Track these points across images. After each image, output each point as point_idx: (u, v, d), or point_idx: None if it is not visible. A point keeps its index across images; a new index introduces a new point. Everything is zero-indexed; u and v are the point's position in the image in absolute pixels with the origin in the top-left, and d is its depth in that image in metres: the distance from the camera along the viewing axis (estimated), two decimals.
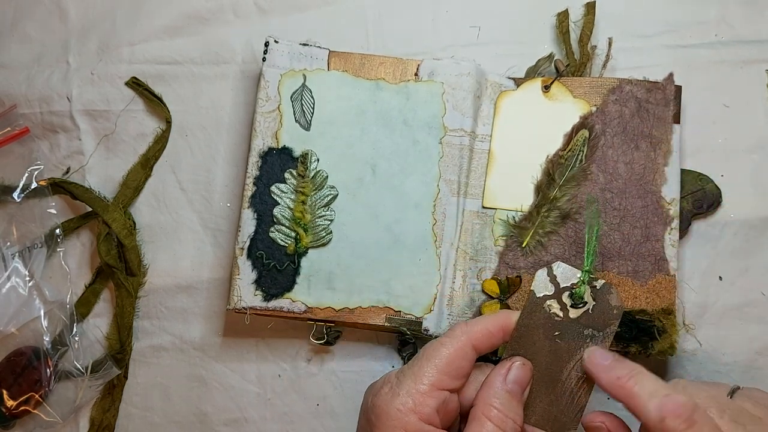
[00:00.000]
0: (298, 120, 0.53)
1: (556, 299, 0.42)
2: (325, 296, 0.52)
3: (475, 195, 0.53)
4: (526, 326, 0.42)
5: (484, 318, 0.43)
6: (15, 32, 0.60)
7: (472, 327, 0.42)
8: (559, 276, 0.43)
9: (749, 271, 0.53)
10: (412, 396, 0.39)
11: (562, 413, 0.41)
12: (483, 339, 0.41)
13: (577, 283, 0.42)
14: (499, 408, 0.39)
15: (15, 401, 0.53)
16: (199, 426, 0.55)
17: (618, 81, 0.53)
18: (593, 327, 0.41)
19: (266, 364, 0.55)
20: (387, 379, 0.41)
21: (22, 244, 0.56)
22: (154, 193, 0.58)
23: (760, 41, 0.56)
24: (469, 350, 0.41)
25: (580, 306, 0.42)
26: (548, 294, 0.42)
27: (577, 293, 0.42)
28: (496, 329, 0.42)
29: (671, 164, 0.52)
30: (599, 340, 0.41)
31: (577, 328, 0.42)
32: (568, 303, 0.42)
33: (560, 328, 0.42)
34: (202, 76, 0.58)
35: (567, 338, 0.42)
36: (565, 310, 0.42)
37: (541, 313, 0.42)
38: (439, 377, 0.40)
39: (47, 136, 0.59)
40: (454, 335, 0.41)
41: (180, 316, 0.56)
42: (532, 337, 0.42)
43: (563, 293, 0.42)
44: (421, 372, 0.40)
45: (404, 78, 0.54)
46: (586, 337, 0.41)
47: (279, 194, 0.53)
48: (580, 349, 0.41)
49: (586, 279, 0.42)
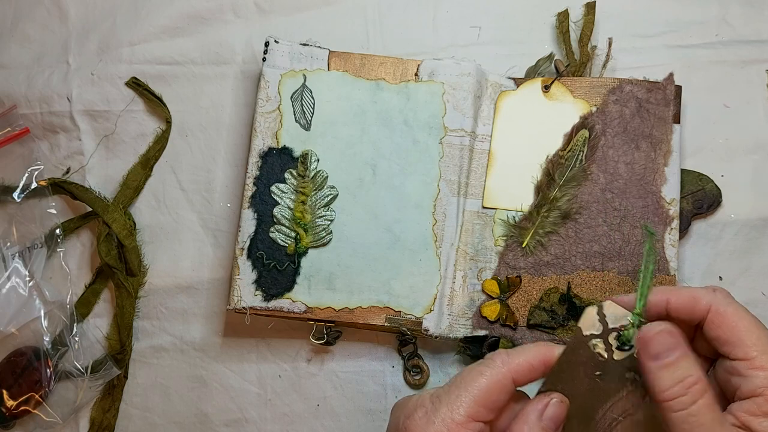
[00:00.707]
0: (299, 120, 0.53)
1: (603, 339, 0.40)
2: (325, 296, 0.52)
3: (476, 195, 0.53)
4: (568, 362, 0.40)
5: (525, 349, 0.41)
6: (15, 32, 0.60)
7: (514, 359, 0.40)
8: (608, 315, 0.41)
9: (749, 271, 0.53)
10: (447, 425, 0.38)
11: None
12: (524, 372, 0.40)
13: (627, 326, 0.40)
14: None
15: (15, 401, 0.53)
16: (199, 426, 0.55)
17: (618, 81, 0.53)
18: (636, 371, 0.40)
19: (266, 364, 0.55)
20: (421, 402, 0.40)
21: (22, 244, 0.56)
22: (154, 193, 0.58)
23: (760, 41, 0.56)
24: (509, 382, 0.39)
25: (626, 349, 0.40)
26: (595, 333, 0.41)
27: (624, 336, 0.40)
28: (538, 362, 0.40)
29: (671, 164, 0.52)
30: (639, 384, 0.40)
31: (619, 371, 0.40)
32: (614, 344, 0.40)
33: (602, 368, 0.40)
34: (202, 76, 0.58)
35: (608, 379, 0.40)
36: (610, 351, 0.40)
37: (585, 351, 0.40)
38: (476, 408, 0.38)
39: (47, 136, 0.59)
40: (494, 365, 0.39)
41: (180, 317, 0.56)
42: (572, 373, 0.40)
43: (610, 333, 0.41)
44: (459, 401, 0.38)
45: (404, 78, 0.54)
46: (627, 380, 0.40)
47: (279, 194, 0.53)
48: (619, 392, 0.40)
49: (636, 322, 0.40)
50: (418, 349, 0.53)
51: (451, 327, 0.51)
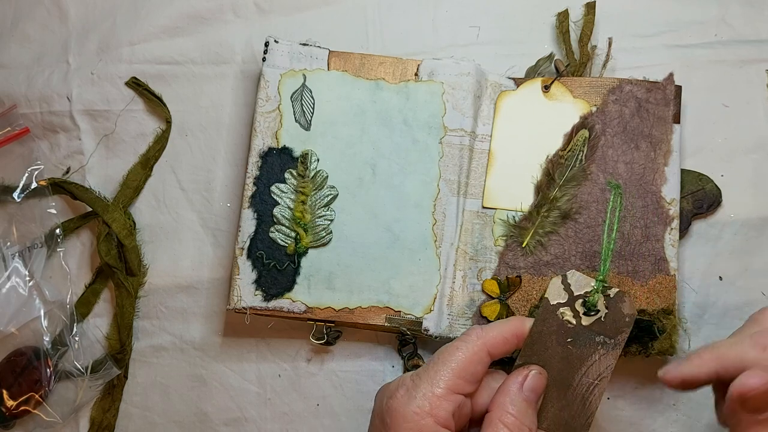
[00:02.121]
0: (298, 120, 0.53)
1: (570, 307, 0.43)
2: (325, 296, 0.52)
3: (475, 195, 0.53)
4: (540, 333, 0.43)
5: (499, 324, 0.43)
6: (15, 32, 0.60)
7: (488, 332, 0.42)
8: (573, 284, 0.43)
9: (749, 271, 0.53)
10: (428, 399, 0.39)
11: (573, 418, 0.42)
12: (498, 345, 0.42)
13: (591, 292, 0.43)
14: (515, 415, 0.39)
15: (15, 401, 0.53)
16: (199, 426, 0.55)
17: (618, 81, 0.53)
18: (605, 334, 0.42)
19: (266, 364, 0.55)
20: (402, 382, 0.41)
21: (22, 244, 0.56)
22: (154, 193, 0.58)
23: (760, 41, 0.56)
24: (485, 355, 0.41)
25: (593, 314, 0.42)
26: (561, 302, 0.43)
27: (590, 301, 0.43)
28: (511, 335, 0.42)
29: (671, 164, 0.52)
30: (610, 347, 0.42)
31: (589, 335, 0.42)
32: (581, 311, 0.43)
33: (573, 335, 0.42)
34: (202, 76, 0.58)
35: (579, 345, 0.42)
36: (578, 318, 0.43)
37: (554, 320, 0.43)
38: (455, 381, 0.40)
39: (47, 136, 0.59)
40: (470, 340, 0.41)
41: (180, 316, 0.56)
42: (545, 343, 0.42)
43: (577, 301, 0.43)
44: (438, 376, 0.40)
45: (404, 78, 0.54)
46: (597, 344, 0.42)
47: (279, 194, 0.53)
48: (591, 356, 0.42)
49: (599, 287, 0.43)
50: (418, 349, 0.53)
51: (451, 327, 0.51)
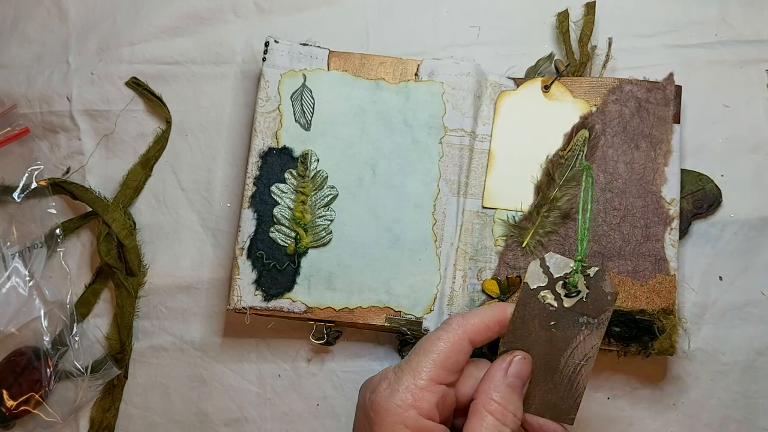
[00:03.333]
0: (298, 120, 0.53)
1: (550, 289, 0.43)
2: (325, 296, 0.52)
3: (475, 195, 0.53)
4: (522, 318, 0.42)
5: (480, 311, 0.43)
6: (15, 32, 0.60)
7: (469, 320, 0.42)
8: (552, 266, 0.43)
9: (749, 271, 0.53)
10: (411, 391, 0.39)
11: (561, 400, 0.42)
12: (480, 332, 0.41)
13: (571, 273, 0.43)
14: (499, 402, 0.39)
15: (15, 401, 0.53)
16: (199, 426, 0.55)
17: (618, 81, 0.53)
18: (588, 314, 0.42)
19: (266, 364, 0.55)
20: (384, 375, 0.41)
21: (22, 244, 0.56)
22: (154, 193, 0.58)
23: (760, 41, 0.56)
24: (466, 344, 0.41)
25: (574, 295, 0.42)
26: (542, 285, 0.43)
27: (570, 282, 0.42)
28: (493, 322, 0.42)
29: (671, 164, 0.52)
30: (594, 326, 0.42)
31: (572, 317, 0.42)
32: (562, 293, 0.43)
33: (555, 317, 0.42)
34: (202, 76, 0.58)
35: (563, 327, 0.42)
36: (560, 300, 0.42)
37: (535, 304, 0.43)
38: (437, 372, 0.40)
39: (47, 136, 0.59)
40: (451, 329, 0.41)
41: (180, 316, 0.56)
42: (528, 328, 0.42)
43: (557, 283, 0.43)
44: (420, 367, 0.40)
45: (404, 78, 0.54)
46: (581, 324, 0.42)
47: (279, 194, 0.53)
48: (576, 337, 0.42)
49: (578, 268, 0.43)
50: None
51: None
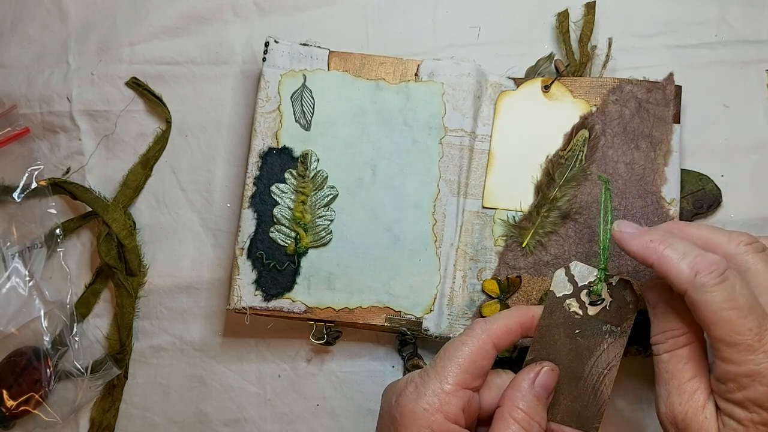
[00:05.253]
0: (298, 120, 0.53)
1: (575, 298, 0.43)
2: (325, 296, 0.52)
3: (475, 195, 0.53)
4: (548, 326, 0.43)
5: (502, 315, 0.43)
6: (15, 32, 0.60)
7: (492, 325, 0.42)
8: (576, 275, 0.44)
9: None
10: (438, 396, 0.40)
11: (585, 408, 0.42)
12: (503, 336, 0.42)
13: (594, 281, 0.43)
14: (525, 410, 0.40)
15: (15, 401, 0.53)
16: (199, 426, 0.55)
17: (618, 81, 0.53)
18: (611, 323, 0.43)
19: (266, 364, 0.55)
20: (411, 379, 0.41)
21: (22, 244, 0.56)
22: (154, 193, 0.58)
23: (760, 41, 0.56)
24: (490, 348, 0.41)
25: (598, 303, 0.43)
26: (567, 293, 0.44)
27: (594, 291, 0.43)
28: (515, 325, 0.43)
29: (671, 164, 0.52)
30: (617, 335, 0.42)
31: (596, 325, 0.43)
32: (587, 301, 0.43)
33: (580, 325, 0.43)
34: (202, 76, 0.58)
35: (587, 335, 0.43)
36: (584, 308, 0.43)
37: (561, 312, 0.43)
38: (463, 376, 0.40)
39: (47, 136, 0.59)
40: (474, 334, 0.42)
41: (180, 316, 0.56)
42: (553, 336, 0.43)
43: (581, 291, 0.43)
44: (445, 371, 0.40)
45: (404, 78, 0.54)
46: (605, 333, 0.43)
47: (279, 194, 0.53)
48: (599, 345, 0.42)
49: (602, 276, 0.43)
50: (418, 349, 0.53)
51: (451, 327, 0.51)
